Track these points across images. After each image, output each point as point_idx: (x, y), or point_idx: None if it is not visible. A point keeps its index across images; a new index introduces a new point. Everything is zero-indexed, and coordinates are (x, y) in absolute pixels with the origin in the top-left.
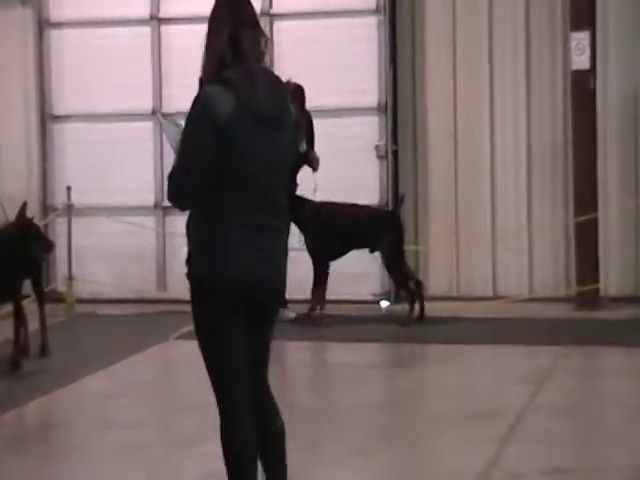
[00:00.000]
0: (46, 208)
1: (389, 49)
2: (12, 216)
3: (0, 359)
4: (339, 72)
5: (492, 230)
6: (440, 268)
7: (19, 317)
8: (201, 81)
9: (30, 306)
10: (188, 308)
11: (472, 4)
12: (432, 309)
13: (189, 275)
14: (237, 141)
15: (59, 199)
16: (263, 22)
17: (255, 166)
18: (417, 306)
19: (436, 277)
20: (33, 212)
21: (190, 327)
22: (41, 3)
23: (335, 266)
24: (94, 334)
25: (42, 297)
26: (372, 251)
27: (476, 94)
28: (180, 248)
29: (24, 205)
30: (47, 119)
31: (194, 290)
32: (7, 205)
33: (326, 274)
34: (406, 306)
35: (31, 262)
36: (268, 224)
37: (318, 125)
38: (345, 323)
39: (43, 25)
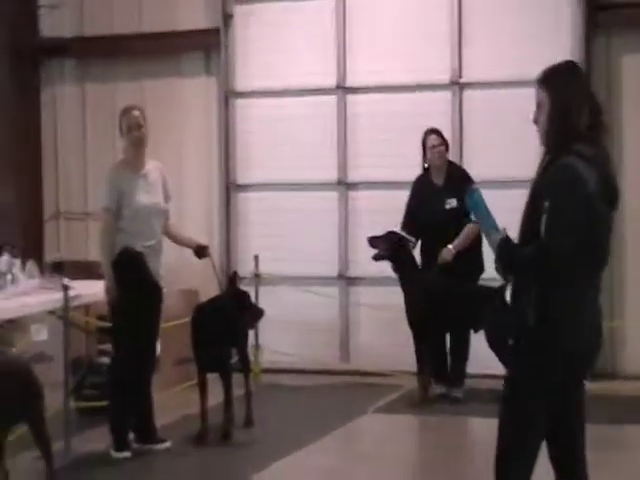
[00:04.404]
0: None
1: None
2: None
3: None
4: None
5: None
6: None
7: (229, 386)
8: (549, 148)
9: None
10: (373, 380)
11: None
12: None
13: (533, 341)
14: (596, 216)
15: (242, 268)
16: None
17: (602, 241)
18: None
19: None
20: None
21: (386, 400)
22: (227, 72)
23: None
24: (288, 405)
25: (248, 366)
26: (476, 330)
27: None
28: (364, 319)
29: (235, 274)
30: (231, 188)
31: (536, 356)
32: (191, 275)
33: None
34: None
35: (241, 331)
36: (600, 291)
37: None
38: None
39: (228, 94)
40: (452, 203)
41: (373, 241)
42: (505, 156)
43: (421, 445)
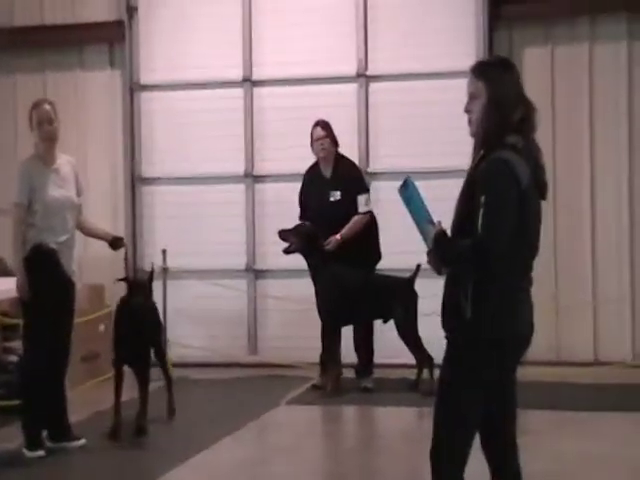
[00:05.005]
0: (136, 271)
1: None
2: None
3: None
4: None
5: (593, 294)
6: (540, 332)
7: (146, 381)
8: (483, 141)
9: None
10: (282, 372)
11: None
12: (533, 374)
13: (470, 334)
14: (528, 209)
15: (149, 262)
16: None
17: (534, 232)
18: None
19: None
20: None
21: (297, 392)
22: (131, 66)
23: None
24: (199, 399)
25: (164, 358)
26: (385, 320)
27: (576, 156)
28: (271, 311)
29: (152, 272)
30: (136, 182)
31: (472, 346)
32: (97, 269)
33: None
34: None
35: (157, 325)
36: (531, 282)
37: None
38: None
39: (133, 87)
40: (336, 195)
41: (283, 234)
42: (411, 148)
43: (336, 435)
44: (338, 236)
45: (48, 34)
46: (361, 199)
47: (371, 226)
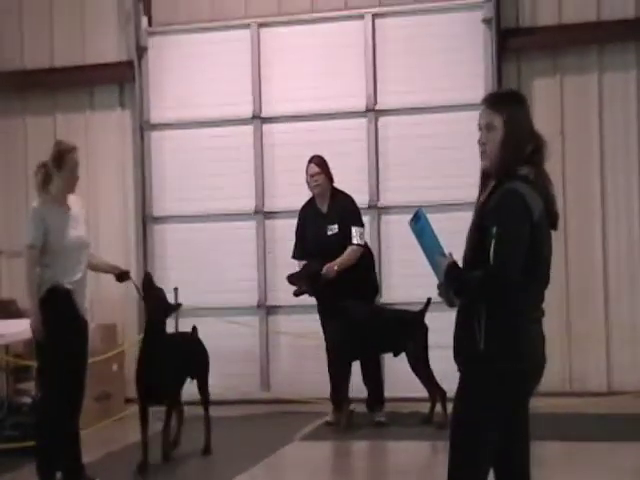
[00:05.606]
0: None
1: None
2: None
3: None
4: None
5: (605, 323)
6: (552, 362)
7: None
8: (497, 173)
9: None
10: (295, 408)
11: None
12: (545, 405)
13: (483, 366)
14: (540, 240)
15: None
16: None
17: (546, 262)
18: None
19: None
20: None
21: (311, 427)
22: (141, 105)
23: None
24: (214, 436)
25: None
26: (396, 354)
27: (586, 186)
28: (283, 347)
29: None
30: (147, 221)
31: (486, 378)
32: (109, 309)
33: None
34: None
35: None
36: (543, 313)
37: None
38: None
39: (143, 126)
40: (334, 229)
41: (291, 278)
42: (421, 181)
43: (350, 471)
44: (335, 266)
45: (58, 76)
46: (355, 231)
47: (367, 259)
